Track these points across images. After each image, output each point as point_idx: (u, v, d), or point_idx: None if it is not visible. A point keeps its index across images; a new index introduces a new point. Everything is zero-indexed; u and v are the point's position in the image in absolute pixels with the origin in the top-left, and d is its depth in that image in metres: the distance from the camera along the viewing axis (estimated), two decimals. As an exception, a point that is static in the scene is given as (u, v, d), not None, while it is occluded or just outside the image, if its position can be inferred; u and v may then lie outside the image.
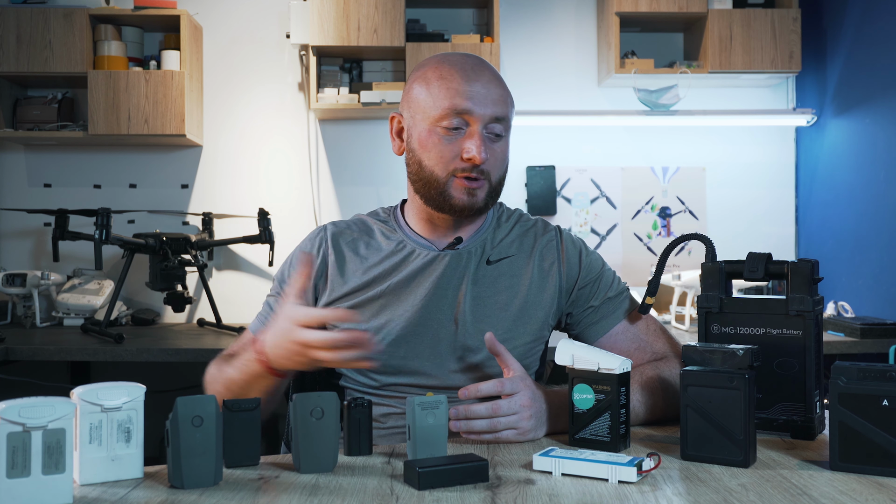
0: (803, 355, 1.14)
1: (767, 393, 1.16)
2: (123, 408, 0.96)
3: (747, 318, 1.18)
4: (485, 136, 1.32)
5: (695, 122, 3.37)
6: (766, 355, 1.16)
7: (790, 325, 1.15)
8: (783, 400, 1.15)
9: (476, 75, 1.34)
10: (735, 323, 1.19)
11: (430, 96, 1.33)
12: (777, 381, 1.15)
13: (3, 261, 3.37)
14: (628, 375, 1.13)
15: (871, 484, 0.95)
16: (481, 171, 1.31)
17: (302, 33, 3.11)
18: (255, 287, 3.37)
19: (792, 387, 1.15)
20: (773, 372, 1.16)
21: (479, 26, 3.43)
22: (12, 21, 3.06)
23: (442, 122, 1.31)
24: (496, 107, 1.32)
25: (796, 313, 1.14)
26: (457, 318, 1.34)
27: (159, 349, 2.61)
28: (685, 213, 3.47)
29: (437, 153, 1.32)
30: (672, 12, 3.15)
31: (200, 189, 3.40)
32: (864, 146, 3.02)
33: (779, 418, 1.16)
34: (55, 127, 3.18)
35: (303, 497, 0.91)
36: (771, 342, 1.16)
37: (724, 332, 1.19)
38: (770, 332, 1.16)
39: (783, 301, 1.15)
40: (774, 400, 1.15)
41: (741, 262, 1.23)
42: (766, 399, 1.16)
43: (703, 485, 0.95)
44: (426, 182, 1.34)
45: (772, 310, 1.16)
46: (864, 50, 3.02)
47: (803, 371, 1.14)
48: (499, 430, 1.15)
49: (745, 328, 1.18)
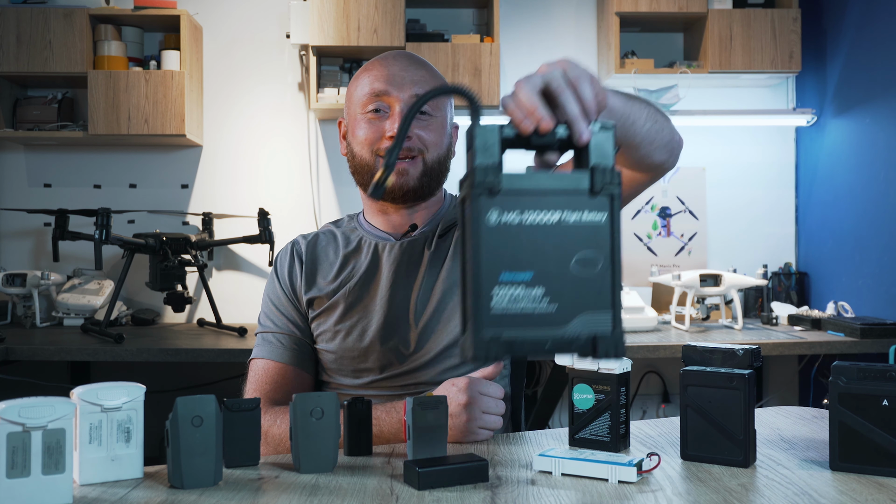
0: (610, 248, 0.82)
1: (563, 303, 0.81)
2: (123, 408, 0.96)
3: (538, 198, 0.82)
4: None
5: (695, 122, 3.36)
6: (563, 251, 0.81)
7: (594, 207, 0.82)
8: (584, 310, 0.81)
9: (396, 61, 1.37)
10: (521, 207, 0.81)
11: (357, 89, 1.38)
12: (576, 285, 0.81)
13: (3, 261, 3.37)
14: (628, 375, 1.13)
15: (871, 484, 0.95)
16: (409, 148, 1.33)
17: (302, 33, 3.11)
18: (255, 287, 3.37)
19: (595, 291, 0.82)
20: (569, 274, 0.81)
21: (479, 26, 3.43)
22: (12, 21, 3.06)
23: (366, 108, 1.35)
24: (416, 86, 1.34)
25: (602, 189, 0.82)
26: (414, 305, 1.35)
27: (159, 349, 2.61)
28: (685, 213, 3.47)
29: (363, 136, 1.35)
30: (672, 12, 3.15)
31: (200, 189, 3.40)
32: (864, 146, 3.02)
33: (580, 335, 0.81)
34: (55, 127, 3.18)
35: (303, 497, 0.91)
36: (567, 232, 0.81)
37: (507, 220, 0.80)
38: (566, 218, 0.82)
39: (584, 175, 0.82)
40: (573, 311, 0.81)
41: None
42: (561, 311, 0.81)
43: (703, 485, 0.95)
44: (358, 168, 1.38)
45: (569, 187, 0.82)
46: (864, 50, 3.02)
47: (610, 269, 0.82)
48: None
49: (534, 212, 0.81)
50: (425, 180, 1.36)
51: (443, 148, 1.38)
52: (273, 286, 1.44)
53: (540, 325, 0.79)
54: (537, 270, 0.80)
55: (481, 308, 0.78)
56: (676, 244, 3.47)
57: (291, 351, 1.38)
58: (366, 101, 1.35)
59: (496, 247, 0.79)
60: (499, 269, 0.79)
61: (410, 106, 0.89)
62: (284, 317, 1.40)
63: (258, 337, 1.42)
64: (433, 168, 1.37)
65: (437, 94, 0.85)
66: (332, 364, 1.37)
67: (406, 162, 1.34)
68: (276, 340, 1.39)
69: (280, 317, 1.41)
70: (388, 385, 1.34)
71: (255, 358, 1.39)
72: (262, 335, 1.41)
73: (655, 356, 2.64)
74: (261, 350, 1.39)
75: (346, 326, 1.35)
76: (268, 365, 1.37)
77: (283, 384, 1.35)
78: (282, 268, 1.44)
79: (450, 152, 1.42)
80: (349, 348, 1.35)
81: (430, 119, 1.36)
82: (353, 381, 1.36)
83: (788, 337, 2.73)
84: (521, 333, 0.79)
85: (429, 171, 1.36)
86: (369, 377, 1.35)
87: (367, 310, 1.35)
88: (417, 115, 1.32)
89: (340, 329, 1.36)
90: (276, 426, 1.25)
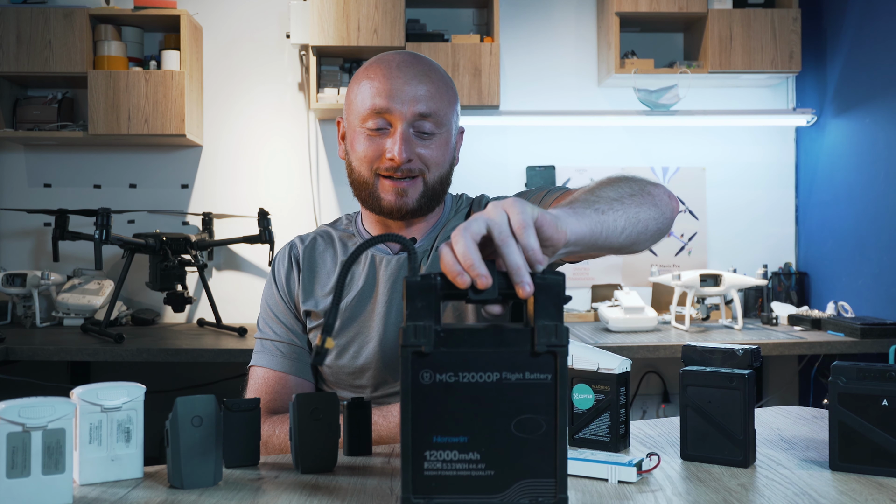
0: (553, 410, 0.76)
1: (501, 468, 0.76)
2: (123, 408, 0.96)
3: (475, 358, 0.76)
4: (411, 135, 1.28)
5: (695, 122, 3.37)
6: (502, 413, 0.76)
7: (536, 367, 0.76)
8: (524, 476, 0.76)
9: (400, 72, 1.29)
10: (456, 367, 0.76)
11: (357, 97, 1.31)
12: (516, 449, 0.76)
13: (3, 261, 3.37)
14: (628, 375, 1.13)
15: (871, 484, 0.95)
16: (409, 169, 1.28)
17: (302, 33, 3.11)
18: (255, 287, 3.37)
19: (537, 456, 0.76)
20: (508, 436, 0.76)
21: (479, 26, 3.43)
22: (12, 21, 3.06)
23: (366, 123, 1.29)
24: (419, 104, 1.27)
25: (546, 349, 0.76)
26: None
27: (159, 349, 2.61)
28: (685, 213, 3.47)
29: (363, 153, 1.29)
30: (672, 12, 3.15)
31: (200, 189, 3.40)
32: (864, 146, 3.02)
33: (518, 503, 0.76)
34: (55, 127, 3.18)
35: (303, 497, 0.91)
36: (507, 393, 0.76)
37: (441, 380, 0.76)
38: (507, 377, 0.76)
39: (526, 332, 0.76)
40: (512, 477, 0.76)
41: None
42: (498, 477, 0.76)
43: (703, 485, 0.95)
44: (356, 183, 1.33)
45: (510, 345, 0.76)
46: (864, 50, 3.02)
47: (553, 432, 0.76)
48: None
49: (470, 374, 0.76)
50: (424, 201, 1.31)
51: (445, 166, 1.33)
52: (271, 292, 1.41)
53: (474, 492, 0.76)
54: (473, 433, 0.76)
55: (413, 471, 0.75)
56: (676, 244, 3.47)
57: (291, 359, 1.36)
58: (366, 115, 1.28)
59: (430, 407, 0.76)
60: (432, 431, 0.76)
61: (342, 265, 0.84)
62: (283, 325, 1.38)
63: (257, 342, 1.40)
64: (434, 188, 1.32)
65: (369, 245, 0.83)
66: (330, 377, 1.36)
67: (405, 182, 1.29)
68: (275, 349, 1.36)
69: (279, 325, 1.38)
70: (384, 403, 1.32)
71: (255, 366, 1.37)
72: (262, 342, 1.39)
73: (655, 356, 2.64)
74: (260, 358, 1.37)
75: (342, 343, 1.33)
76: (267, 374, 1.35)
77: (282, 393, 1.33)
78: (279, 273, 1.41)
79: (452, 163, 1.37)
80: (344, 365, 1.33)
81: (432, 138, 1.30)
82: (349, 395, 1.34)
83: (788, 337, 2.73)
84: (452, 500, 0.76)
85: (429, 192, 1.31)
86: (365, 393, 1.34)
87: (364, 327, 1.33)
88: (420, 135, 1.29)
89: (336, 345, 1.33)
90: (275, 437, 1.24)
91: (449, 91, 1.33)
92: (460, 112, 1.41)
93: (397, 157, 1.26)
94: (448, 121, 1.32)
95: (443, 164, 1.32)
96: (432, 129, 1.29)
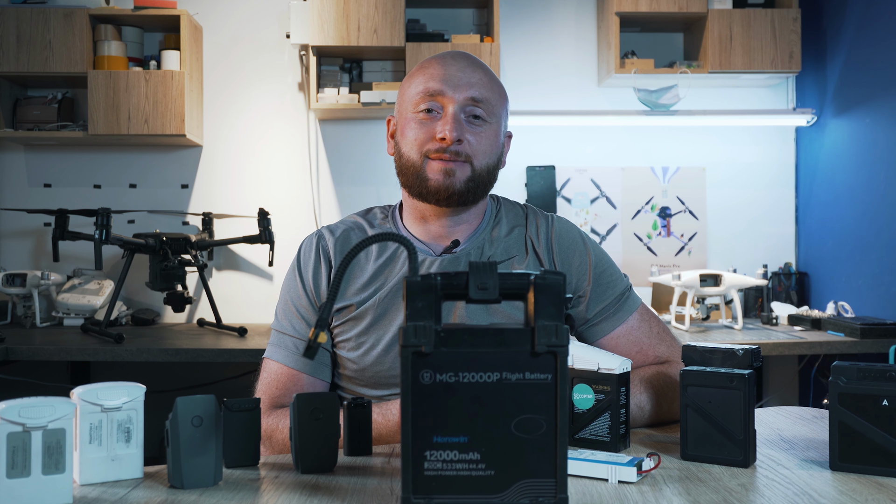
0: (553, 410, 0.77)
1: (501, 467, 0.77)
2: (123, 408, 0.96)
3: (475, 358, 0.77)
4: (462, 119, 1.29)
5: (695, 122, 3.37)
6: (502, 413, 0.77)
7: (536, 367, 0.78)
8: (524, 476, 0.77)
9: (454, 61, 1.32)
10: (456, 367, 0.77)
11: (411, 87, 1.33)
12: (516, 449, 0.77)
13: (3, 261, 3.37)
14: (628, 375, 1.13)
15: (871, 484, 0.95)
16: (457, 152, 1.28)
17: (302, 33, 3.11)
18: (255, 287, 3.37)
19: (537, 456, 0.77)
20: (508, 436, 0.77)
21: (479, 26, 3.43)
22: (12, 21, 3.06)
23: (418, 108, 1.30)
24: (472, 89, 1.29)
25: (546, 349, 0.77)
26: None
27: (159, 349, 2.61)
28: (685, 213, 3.47)
29: (413, 136, 1.30)
30: (672, 12, 3.15)
31: (200, 189, 3.40)
32: (864, 146, 3.02)
33: (518, 503, 0.78)
34: (55, 127, 3.18)
35: (303, 497, 0.91)
36: (507, 393, 0.78)
37: (441, 380, 0.77)
38: (507, 377, 0.77)
39: (526, 332, 0.78)
40: (512, 477, 0.77)
41: (462, 275, 0.81)
42: (498, 477, 0.77)
43: (703, 485, 0.95)
44: (404, 168, 1.32)
45: (510, 345, 0.78)
46: (864, 50, 3.03)
47: (553, 432, 0.77)
48: None
49: (471, 374, 0.77)
50: (471, 185, 1.30)
51: (493, 157, 1.33)
52: (294, 284, 1.36)
53: (475, 492, 0.76)
54: (474, 433, 0.76)
55: (413, 471, 0.76)
56: (676, 244, 3.48)
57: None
58: (418, 99, 1.30)
59: (430, 407, 0.76)
60: (433, 431, 0.76)
61: (343, 258, 0.87)
62: (304, 320, 1.34)
63: (274, 334, 1.36)
64: (481, 175, 1.31)
65: (366, 245, 0.85)
66: (352, 372, 1.33)
67: (453, 163, 1.28)
68: (293, 345, 1.33)
69: (299, 320, 1.34)
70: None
71: (269, 359, 1.34)
72: (280, 335, 1.35)
73: (655, 356, 2.63)
74: (276, 352, 1.33)
75: (372, 339, 1.31)
76: (280, 369, 1.32)
77: (293, 390, 1.30)
78: (305, 266, 1.36)
79: (500, 162, 1.36)
80: (372, 361, 1.31)
81: (483, 125, 1.30)
82: (370, 392, 1.32)
83: (788, 337, 2.73)
84: (452, 500, 0.76)
85: (476, 178, 1.30)
86: (388, 391, 1.31)
87: (395, 324, 1.30)
88: (471, 120, 1.30)
89: (365, 340, 1.31)
90: (279, 431, 1.23)
91: (500, 88, 1.35)
92: (509, 116, 1.41)
93: (448, 136, 1.26)
94: (498, 113, 1.34)
95: (490, 154, 1.33)
96: (484, 116, 1.31)
